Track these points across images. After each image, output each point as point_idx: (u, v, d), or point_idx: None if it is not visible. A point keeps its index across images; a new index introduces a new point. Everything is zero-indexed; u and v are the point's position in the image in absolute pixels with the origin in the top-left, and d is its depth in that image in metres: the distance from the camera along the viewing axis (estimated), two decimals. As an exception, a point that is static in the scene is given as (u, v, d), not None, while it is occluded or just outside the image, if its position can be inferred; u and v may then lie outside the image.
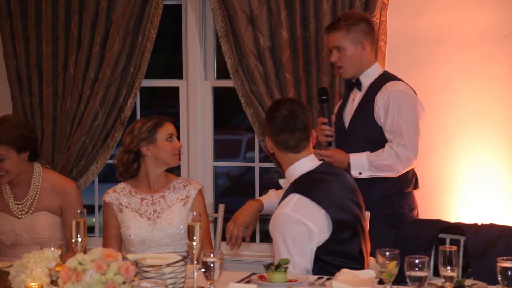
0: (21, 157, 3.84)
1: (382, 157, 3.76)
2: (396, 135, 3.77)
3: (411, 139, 3.77)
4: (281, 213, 3.17)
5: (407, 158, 3.76)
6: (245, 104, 4.62)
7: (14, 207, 3.89)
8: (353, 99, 3.97)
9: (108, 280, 2.49)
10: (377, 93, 3.84)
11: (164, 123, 3.73)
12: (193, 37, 4.85)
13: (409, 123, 3.78)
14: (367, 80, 3.92)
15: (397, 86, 3.85)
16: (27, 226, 3.87)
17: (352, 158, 3.78)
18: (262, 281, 2.92)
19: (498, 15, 4.27)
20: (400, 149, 3.75)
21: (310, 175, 3.26)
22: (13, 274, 2.76)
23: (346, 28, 3.88)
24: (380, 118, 3.82)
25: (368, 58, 3.92)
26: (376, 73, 3.94)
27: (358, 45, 3.89)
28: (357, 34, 3.89)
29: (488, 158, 4.29)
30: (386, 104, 3.80)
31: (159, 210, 3.71)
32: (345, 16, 3.95)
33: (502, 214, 4.24)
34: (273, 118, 3.32)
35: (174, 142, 3.73)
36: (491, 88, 4.29)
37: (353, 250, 3.23)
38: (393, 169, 3.78)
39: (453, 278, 2.59)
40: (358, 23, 3.89)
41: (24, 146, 3.84)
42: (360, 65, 3.92)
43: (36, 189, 3.90)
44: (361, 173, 3.78)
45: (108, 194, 3.76)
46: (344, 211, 3.23)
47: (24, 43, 4.91)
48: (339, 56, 3.91)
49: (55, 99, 4.88)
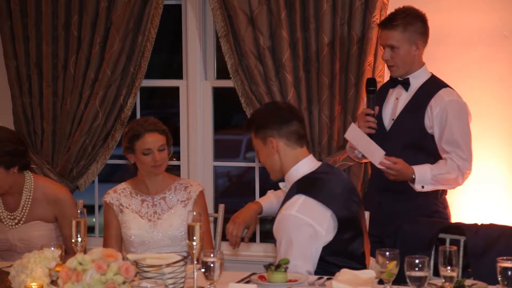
0: (10, 172, 3.72)
1: (447, 171, 3.75)
2: (455, 147, 3.75)
3: (469, 152, 3.79)
4: (287, 214, 3.13)
5: (466, 171, 3.78)
6: (245, 104, 4.62)
7: (6, 218, 3.79)
8: (397, 98, 3.91)
9: (108, 280, 2.49)
10: (430, 99, 3.79)
11: (143, 136, 3.62)
12: (193, 37, 4.85)
13: (466, 135, 3.79)
14: (416, 81, 3.88)
15: (452, 95, 3.82)
16: (20, 236, 3.78)
17: (417, 172, 3.74)
18: (262, 281, 2.92)
19: (498, 15, 4.27)
20: (461, 162, 3.75)
21: (312, 175, 3.23)
22: (13, 274, 2.76)
23: (402, 27, 3.81)
24: (433, 127, 3.79)
25: (419, 58, 3.89)
26: (425, 75, 3.90)
27: (412, 45, 3.83)
28: (413, 34, 3.82)
29: (488, 158, 4.29)
30: (444, 115, 3.76)
31: (160, 212, 3.71)
32: (401, 13, 3.85)
33: (502, 214, 4.24)
34: (278, 109, 3.29)
35: (153, 156, 3.63)
36: (491, 88, 4.29)
37: (357, 251, 3.21)
38: (455, 182, 3.80)
39: (453, 278, 2.59)
40: (415, 22, 3.83)
41: (12, 163, 3.71)
42: (412, 64, 3.87)
43: (28, 198, 3.79)
44: (423, 187, 3.77)
45: (108, 194, 3.76)
46: (348, 210, 3.21)
47: (24, 43, 4.91)
48: (391, 54, 3.84)
49: (55, 99, 4.88)
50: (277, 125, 3.23)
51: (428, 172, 3.75)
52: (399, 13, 3.86)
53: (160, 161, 3.65)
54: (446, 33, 4.33)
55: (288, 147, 3.24)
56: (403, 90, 3.91)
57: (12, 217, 3.80)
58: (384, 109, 3.94)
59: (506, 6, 4.26)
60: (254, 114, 3.44)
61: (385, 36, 3.87)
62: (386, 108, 3.94)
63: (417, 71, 3.89)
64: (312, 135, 4.44)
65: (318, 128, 4.43)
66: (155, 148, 3.64)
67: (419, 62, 3.90)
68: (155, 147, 3.64)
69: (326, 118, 4.39)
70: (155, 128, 3.65)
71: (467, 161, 3.77)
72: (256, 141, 3.30)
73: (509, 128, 4.28)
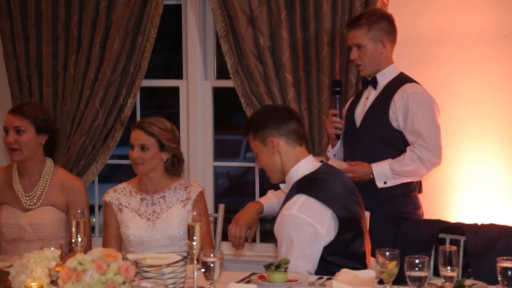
0: (38, 139, 3.92)
1: (404, 163, 3.74)
2: (417, 136, 3.75)
3: (433, 141, 3.76)
4: (288, 214, 3.14)
5: (430, 161, 3.75)
6: (245, 104, 4.62)
7: (24, 198, 3.92)
8: (367, 97, 3.96)
9: (108, 280, 2.49)
10: (394, 94, 3.82)
11: (132, 130, 3.72)
12: (193, 37, 4.85)
13: (430, 124, 3.77)
14: (384, 79, 3.91)
15: (415, 88, 3.83)
16: (31, 220, 3.88)
17: (375, 168, 3.77)
18: (262, 281, 2.92)
19: (498, 15, 4.27)
20: (423, 152, 3.73)
21: (312, 175, 3.23)
22: (13, 274, 2.76)
23: (367, 26, 3.85)
24: (398, 119, 3.80)
25: (387, 57, 3.91)
26: (392, 73, 3.92)
27: (378, 44, 3.87)
28: (378, 33, 3.86)
29: (488, 158, 4.29)
30: (406, 106, 3.77)
31: (159, 211, 3.71)
32: (366, 13, 3.92)
33: (502, 214, 4.24)
34: (275, 111, 3.30)
35: (133, 151, 3.68)
36: (491, 88, 4.29)
37: (357, 251, 3.21)
38: (417, 173, 3.77)
39: (453, 278, 2.59)
40: (380, 21, 3.87)
41: (44, 129, 3.92)
42: (379, 63, 3.90)
43: (46, 182, 3.94)
44: (386, 182, 3.77)
45: (108, 194, 3.76)
46: (349, 211, 3.22)
47: (24, 43, 4.91)
48: (359, 53, 3.89)
49: (55, 99, 4.89)
50: (276, 124, 3.24)
51: (387, 166, 3.76)
52: (364, 14, 3.93)
53: (137, 159, 3.67)
54: (446, 33, 4.34)
55: (288, 145, 3.24)
56: (372, 89, 3.95)
57: (30, 198, 3.93)
58: (357, 109, 3.99)
59: (506, 6, 4.26)
60: (252, 116, 3.45)
61: (351, 36, 3.92)
62: (358, 107, 3.99)
63: (385, 69, 3.91)
64: (312, 135, 4.44)
65: (318, 128, 4.43)
66: (137, 145, 3.67)
67: (387, 61, 3.92)
68: (137, 144, 3.67)
69: (326, 118, 4.39)
70: (141, 126, 3.69)
71: (431, 151, 3.74)
72: (255, 143, 3.29)
73: (509, 128, 4.28)
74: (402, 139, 3.82)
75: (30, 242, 3.85)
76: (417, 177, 3.80)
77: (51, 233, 3.88)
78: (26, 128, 3.89)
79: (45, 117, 3.94)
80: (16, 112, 3.91)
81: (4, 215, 3.93)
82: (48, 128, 3.94)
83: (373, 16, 3.88)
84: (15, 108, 3.98)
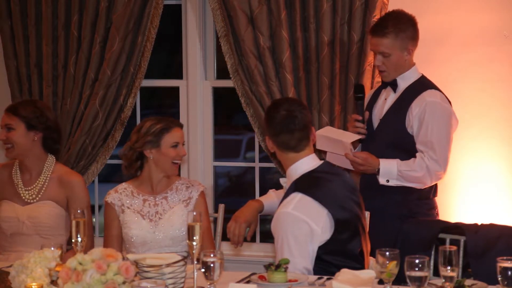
0: (29, 136, 3.93)
1: (412, 169, 3.73)
2: (428, 148, 3.73)
3: (443, 154, 3.74)
4: (284, 212, 3.17)
5: (436, 173, 3.75)
6: (245, 104, 4.62)
7: (24, 193, 3.94)
8: (386, 98, 3.93)
9: (108, 280, 2.49)
10: (413, 100, 3.79)
11: (172, 129, 3.70)
12: (193, 37, 4.85)
13: (442, 137, 3.75)
14: (404, 83, 3.87)
15: (434, 97, 3.79)
16: (30, 213, 3.90)
17: (383, 164, 3.76)
18: (262, 281, 2.92)
19: (498, 15, 4.27)
20: (431, 163, 3.72)
21: (311, 174, 3.25)
22: (13, 274, 2.76)
23: (394, 35, 3.78)
24: (413, 127, 3.78)
25: (409, 61, 3.88)
26: (413, 76, 3.89)
27: (404, 51, 3.83)
28: (405, 41, 3.81)
29: (488, 159, 4.29)
30: (422, 115, 3.75)
31: (161, 212, 3.71)
32: (393, 19, 3.82)
33: (502, 214, 4.24)
34: (272, 119, 3.31)
35: (179, 149, 3.71)
36: (491, 88, 4.29)
37: (354, 250, 3.23)
38: (421, 181, 3.77)
39: (453, 278, 2.59)
40: (407, 28, 3.81)
41: (34, 125, 3.92)
42: (403, 69, 3.87)
43: (46, 177, 3.96)
44: (388, 181, 3.77)
45: (110, 194, 3.76)
46: (346, 211, 3.23)
47: (24, 43, 4.91)
48: (383, 61, 3.84)
49: (55, 99, 4.89)
50: (269, 131, 3.34)
51: (395, 166, 3.75)
52: (390, 19, 3.84)
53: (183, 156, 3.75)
54: (446, 33, 4.34)
55: (280, 151, 3.33)
56: (391, 91, 3.92)
57: (30, 192, 3.95)
58: (374, 110, 3.97)
59: (506, 6, 4.26)
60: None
61: (376, 43, 3.85)
62: (376, 108, 3.97)
63: (406, 72, 3.88)
64: (312, 135, 4.44)
65: (318, 128, 4.42)
66: (181, 143, 3.72)
67: (409, 64, 3.89)
68: (181, 142, 3.72)
69: (326, 118, 4.39)
70: (180, 125, 3.75)
71: (438, 164, 3.73)
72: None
73: (509, 128, 4.28)
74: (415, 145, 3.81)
75: (28, 237, 3.87)
76: (419, 185, 3.79)
77: (50, 228, 3.89)
78: (15, 125, 3.91)
79: (36, 114, 3.93)
80: (8, 110, 3.97)
81: (3, 209, 3.95)
82: (40, 124, 3.94)
83: (400, 23, 3.80)
84: (9, 106, 4.02)
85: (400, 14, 3.90)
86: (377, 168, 3.76)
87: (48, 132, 3.97)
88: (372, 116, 3.95)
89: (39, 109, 3.97)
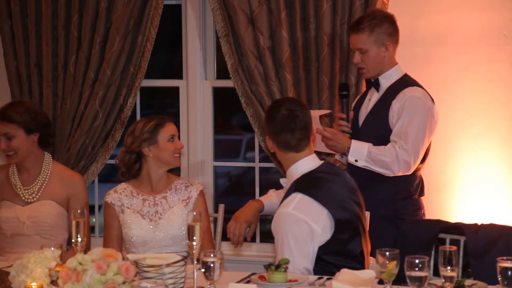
0: (30, 139, 3.93)
1: (382, 153, 3.75)
2: (401, 138, 3.74)
3: (414, 146, 3.74)
4: (284, 212, 3.16)
5: (405, 162, 3.74)
6: (245, 104, 4.62)
7: (23, 192, 3.94)
8: (370, 99, 3.96)
9: (108, 280, 2.49)
10: (394, 97, 3.81)
11: (165, 124, 3.73)
12: (193, 37, 4.85)
13: (416, 130, 3.76)
14: (386, 82, 3.90)
15: (414, 92, 3.81)
16: (30, 213, 3.90)
17: (354, 144, 3.78)
18: (262, 281, 2.92)
19: (498, 15, 4.27)
20: (401, 152, 3.73)
21: (312, 174, 3.25)
22: (13, 274, 2.76)
23: (369, 30, 3.83)
24: (393, 122, 3.80)
25: (390, 59, 3.90)
26: (396, 75, 3.91)
27: (381, 47, 3.85)
28: (381, 36, 3.84)
29: (488, 159, 4.29)
30: (401, 109, 3.77)
31: (161, 211, 3.71)
32: (368, 16, 3.90)
33: (502, 214, 4.24)
34: (272, 118, 3.31)
35: (176, 143, 3.74)
36: (491, 88, 4.29)
37: (354, 250, 3.22)
38: (388, 167, 3.76)
39: (453, 278, 2.59)
40: (382, 24, 3.85)
41: (33, 128, 3.92)
42: (382, 65, 3.89)
43: (45, 176, 3.97)
44: (357, 161, 3.78)
45: (109, 195, 3.76)
46: (346, 211, 3.23)
47: (24, 43, 4.91)
48: (361, 57, 3.87)
49: (55, 99, 4.89)
50: (270, 131, 3.32)
51: (365, 147, 3.77)
52: (366, 16, 3.90)
53: (181, 148, 3.77)
54: (446, 33, 4.34)
55: (280, 151, 3.32)
56: (375, 91, 3.95)
57: (29, 192, 3.95)
58: (361, 110, 4.00)
59: (506, 6, 4.26)
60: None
61: (353, 40, 3.90)
62: (362, 109, 4.00)
63: (388, 71, 3.90)
64: (312, 135, 4.44)
65: (318, 128, 4.43)
66: (176, 136, 3.76)
67: (390, 62, 3.91)
68: (176, 135, 3.76)
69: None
70: (171, 120, 3.79)
71: (408, 153, 3.73)
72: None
73: (509, 128, 4.28)
74: None
75: (28, 237, 3.86)
76: (386, 171, 3.77)
77: (50, 228, 3.89)
78: (14, 133, 3.89)
79: (31, 116, 3.92)
80: (1, 118, 3.90)
81: (3, 210, 3.94)
82: (37, 126, 3.94)
83: (375, 19, 3.85)
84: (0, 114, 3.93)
85: (376, 11, 4.01)
86: (347, 146, 3.79)
87: (44, 129, 3.98)
88: (359, 116, 3.98)
89: (30, 109, 3.94)
